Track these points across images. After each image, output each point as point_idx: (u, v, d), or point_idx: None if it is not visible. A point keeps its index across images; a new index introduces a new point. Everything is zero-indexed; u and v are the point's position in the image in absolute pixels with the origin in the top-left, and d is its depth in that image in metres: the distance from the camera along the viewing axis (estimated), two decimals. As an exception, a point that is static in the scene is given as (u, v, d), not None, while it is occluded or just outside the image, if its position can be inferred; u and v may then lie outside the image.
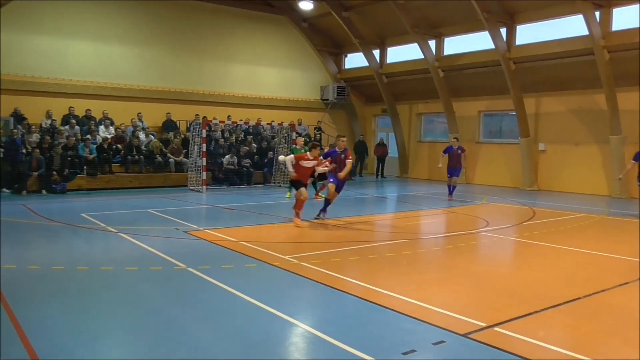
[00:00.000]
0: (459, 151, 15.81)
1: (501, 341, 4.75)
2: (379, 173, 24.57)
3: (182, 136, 19.71)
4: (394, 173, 25.47)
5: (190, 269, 7.03)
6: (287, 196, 15.41)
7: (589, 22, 16.58)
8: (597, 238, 10.50)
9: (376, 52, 24.74)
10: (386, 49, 24.92)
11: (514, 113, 20.04)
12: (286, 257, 7.78)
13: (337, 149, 11.62)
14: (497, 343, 4.68)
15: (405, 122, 25.14)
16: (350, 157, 11.57)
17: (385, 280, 6.79)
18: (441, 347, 4.59)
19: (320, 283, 6.52)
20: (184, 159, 18.60)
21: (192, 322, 5.19)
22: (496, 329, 5.03)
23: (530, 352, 4.52)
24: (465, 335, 4.82)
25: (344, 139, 11.89)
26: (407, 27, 21.35)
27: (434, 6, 20.83)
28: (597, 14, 16.96)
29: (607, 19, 17.17)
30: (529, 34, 19.44)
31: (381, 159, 24.83)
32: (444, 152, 16.04)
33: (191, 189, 17.27)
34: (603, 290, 6.46)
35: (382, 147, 25.09)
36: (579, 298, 6.12)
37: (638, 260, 8.02)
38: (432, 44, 22.16)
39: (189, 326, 5.06)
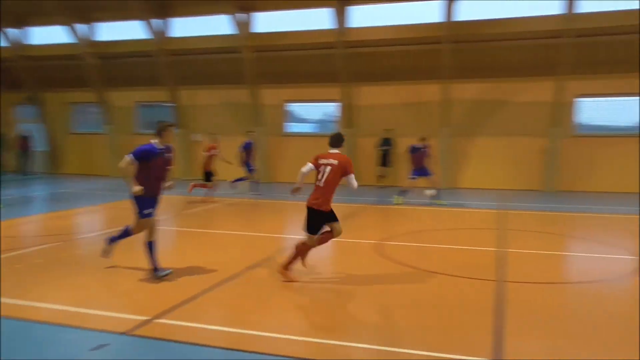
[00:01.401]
0: (424, 149, 13.80)
1: (165, 331, 4.81)
2: (22, 169, 21.79)
3: None
4: (42, 169, 22.93)
5: None
6: None
7: (235, 22, 18.13)
8: (244, 220, 11.64)
9: (15, 32, 21.66)
10: (29, 30, 22.03)
11: (171, 105, 20.47)
12: None
13: (155, 145, 6.59)
14: (161, 334, 4.72)
15: (54, 113, 22.83)
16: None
17: (38, 290, 6.06)
18: (101, 352, 4.37)
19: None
20: None
21: None
22: (158, 320, 5.06)
23: (193, 336, 4.70)
24: (126, 333, 4.70)
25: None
26: (52, 9, 19.38)
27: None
28: (243, 15, 18.68)
29: (250, 22, 19.08)
30: (182, 27, 20.05)
31: (24, 153, 22.02)
32: (411, 152, 13.87)
33: None
34: (251, 267, 7.20)
35: (24, 140, 22.23)
36: (231, 277, 6.67)
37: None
38: (83, 28, 20.65)
39: None
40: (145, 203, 6.50)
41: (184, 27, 20.08)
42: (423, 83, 18.08)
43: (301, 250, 6.56)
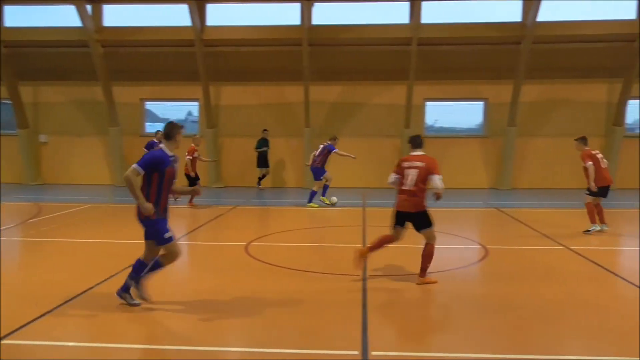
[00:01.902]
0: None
1: (13, 352, 4.30)
2: None
3: None
4: None
5: None
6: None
7: (81, 14, 16.79)
8: (103, 226, 10.88)
9: None
10: None
11: (8, 102, 18.46)
12: None
13: (167, 152, 5.62)
14: (8, 355, 4.21)
15: None
16: None
17: None
18: None
19: None
20: None
21: None
22: (5, 341, 4.51)
23: (47, 355, 4.28)
24: (-34, 360, 4.13)
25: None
26: None
27: None
28: (89, 7, 17.39)
29: (99, 14, 17.85)
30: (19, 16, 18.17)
31: None
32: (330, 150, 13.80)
33: None
34: (113, 275, 6.73)
35: None
36: (92, 287, 6.17)
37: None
38: None
39: None
40: (163, 224, 5.43)
41: (21, 16, 18.21)
42: (285, 84, 18.31)
43: (430, 253, 6.57)
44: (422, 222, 6.57)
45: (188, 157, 13.31)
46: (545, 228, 10.33)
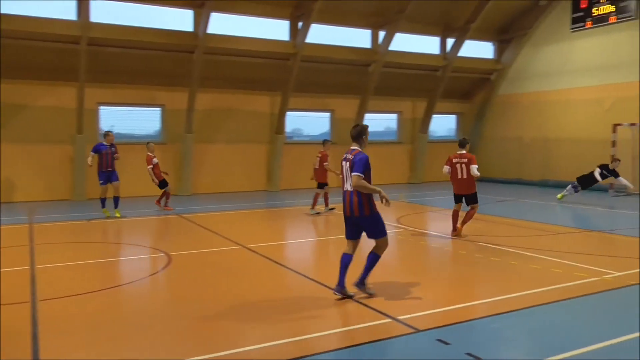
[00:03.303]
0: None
1: None
2: None
3: None
4: None
5: None
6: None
7: None
8: None
9: None
10: None
11: None
12: None
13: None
14: None
15: None
16: None
17: None
18: None
19: None
20: None
21: None
22: None
23: None
24: None
25: None
26: None
27: None
28: None
29: None
30: None
31: None
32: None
33: None
34: None
35: None
36: None
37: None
38: None
39: None
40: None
41: None
42: None
43: (473, 215, 9.86)
44: (473, 198, 9.83)
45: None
46: (224, 230, 10.94)
